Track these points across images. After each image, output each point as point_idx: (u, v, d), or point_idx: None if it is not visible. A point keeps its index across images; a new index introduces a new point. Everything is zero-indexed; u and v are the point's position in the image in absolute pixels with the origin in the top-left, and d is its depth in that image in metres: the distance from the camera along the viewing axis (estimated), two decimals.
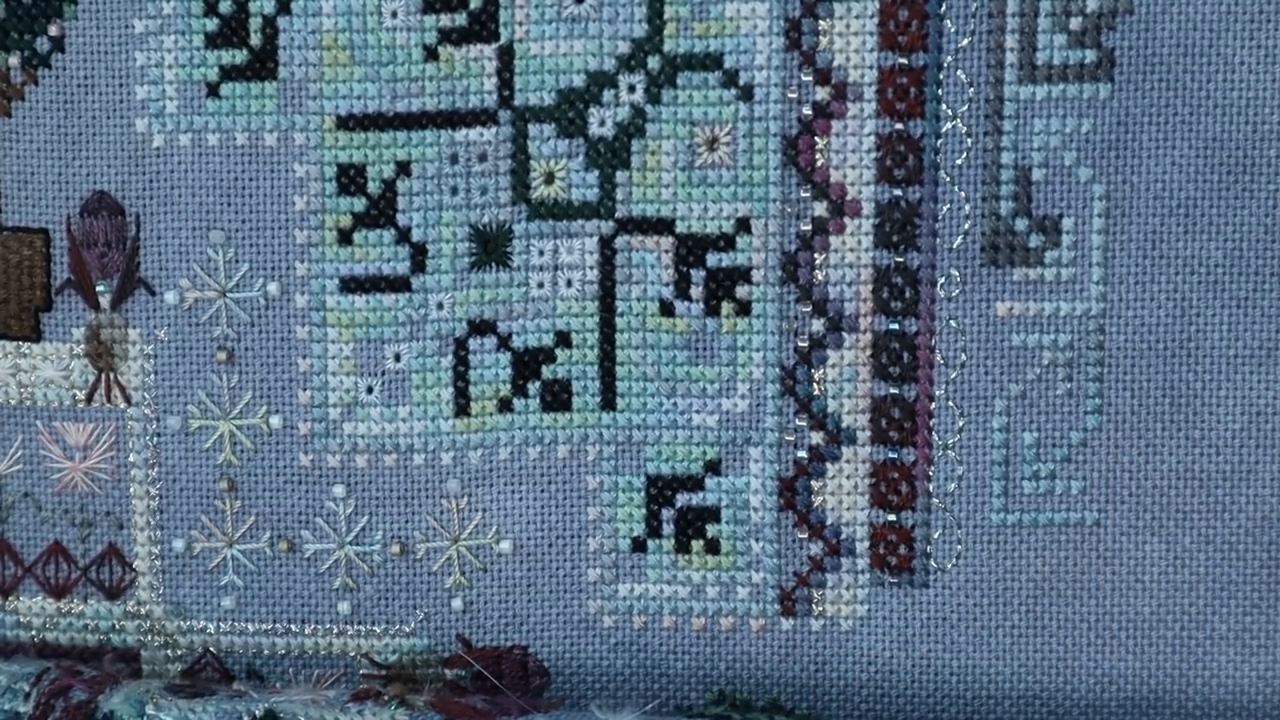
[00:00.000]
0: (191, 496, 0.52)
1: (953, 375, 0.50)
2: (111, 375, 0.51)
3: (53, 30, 0.49)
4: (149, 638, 0.52)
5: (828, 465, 0.51)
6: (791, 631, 0.51)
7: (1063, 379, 0.50)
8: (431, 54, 0.49)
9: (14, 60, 0.49)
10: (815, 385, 0.50)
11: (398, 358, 0.51)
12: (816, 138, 0.49)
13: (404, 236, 0.50)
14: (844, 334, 0.50)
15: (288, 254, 0.50)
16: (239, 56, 0.49)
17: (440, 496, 0.51)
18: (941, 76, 0.49)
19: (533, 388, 0.51)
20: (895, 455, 0.51)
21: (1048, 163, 0.49)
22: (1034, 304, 0.50)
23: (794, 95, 0.49)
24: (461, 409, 0.51)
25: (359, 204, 0.50)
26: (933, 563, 0.51)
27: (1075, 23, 0.48)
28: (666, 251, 0.50)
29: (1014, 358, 0.50)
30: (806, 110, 0.49)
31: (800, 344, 0.50)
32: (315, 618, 0.52)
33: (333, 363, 0.51)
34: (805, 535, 0.51)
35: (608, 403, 0.51)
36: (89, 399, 0.51)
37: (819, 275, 0.50)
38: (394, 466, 0.51)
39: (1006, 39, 0.48)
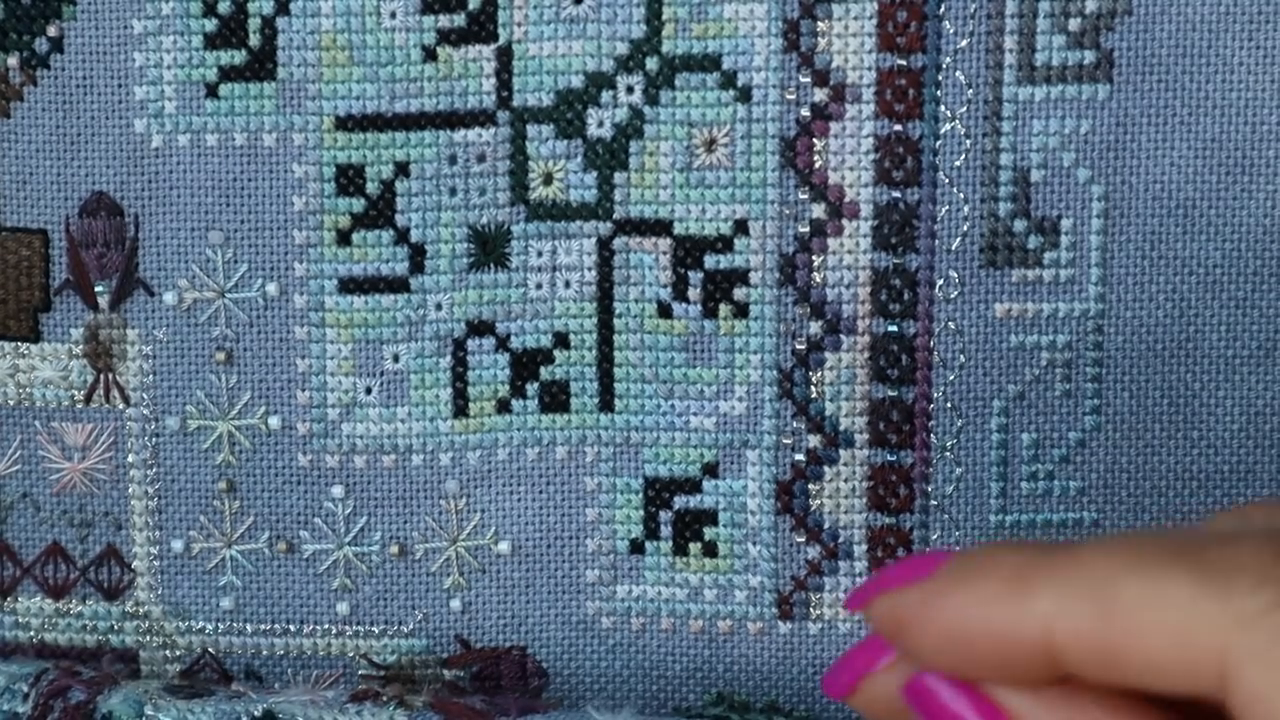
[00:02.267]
0: (190, 497, 0.52)
1: (951, 377, 0.50)
2: (110, 375, 0.51)
3: (51, 31, 0.49)
4: (148, 638, 0.52)
5: (825, 468, 0.51)
6: (789, 634, 0.51)
7: (1061, 379, 0.50)
8: (430, 54, 0.49)
9: (13, 61, 0.49)
10: (813, 388, 0.50)
11: (396, 358, 0.51)
12: (815, 139, 0.49)
13: (403, 237, 0.50)
14: (842, 336, 0.50)
15: (286, 254, 0.50)
16: (238, 57, 0.49)
17: (439, 497, 0.51)
18: (940, 78, 0.49)
19: (531, 389, 0.51)
20: (893, 458, 0.50)
21: (1046, 164, 0.49)
22: (1032, 305, 0.49)
23: (792, 97, 0.49)
24: (460, 410, 0.51)
25: (358, 204, 0.50)
26: None
27: (1074, 24, 0.48)
28: (664, 253, 0.50)
29: (1012, 359, 0.50)
30: (805, 112, 0.49)
31: (798, 346, 0.50)
32: (314, 618, 0.52)
33: (331, 363, 0.51)
34: (803, 539, 0.51)
35: (606, 404, 0.51)
36: (88, 399, 0.51)
37: (817, 277, 0.50)
38: (392, 467, 0.51)
39: (1005, 40, 0.48)
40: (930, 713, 0.32)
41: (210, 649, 0.52)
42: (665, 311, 0.50)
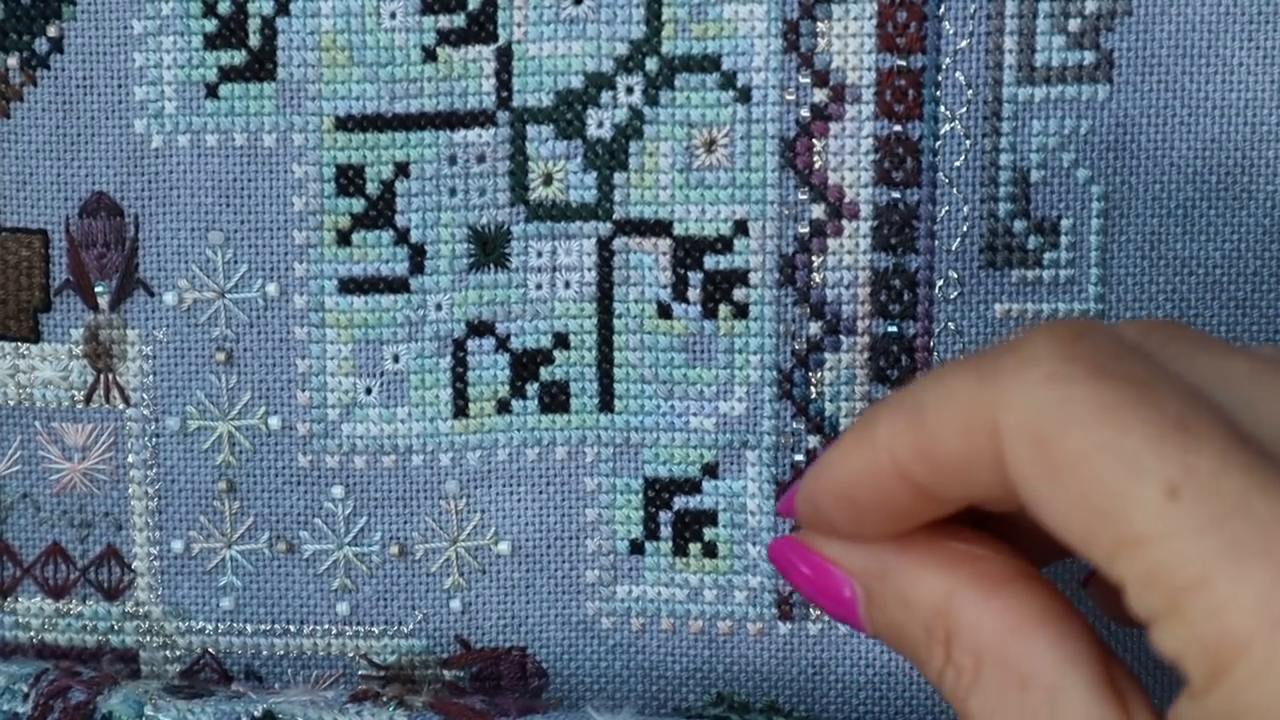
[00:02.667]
0: (190, 497, 0.52)
1: None
2: (110, 376, 0.51)
3: (51, 31, 0.49)
4: (148, 638, 0.52)
5: None
6: (789, 635, 0.51)
7: None
8: (430, 55, 0.49)
9: (13, 61, 0.49)
10: (813, 388, 0.50)
11: (396, 359, 0.51)
12: (814, 140, 0.49)
13: (402, 237, 0.50)
14: (842, 336, 0.50)
15: (286, 255, 0.50)
16: (238, 57, 0.49)
17: (439, 497, 0.51)
18: (940, 78, 0.49)
19: (531, 389, 0.51)
20: None
21: (1046, 164, 0.49)
22: (1032, 305, 0.49)
23: (792, 97, 0.49)
24: (460, 410, 0.51)
25: (358, 205, 0.50)
26: None
27: (1074, 24, 0.48)
28: (664, 254, 0.50)
29: None
30: (804, 112, 0.49)
31: (798, 347, 0.50)
32: (314, 618, 0.52)
33: (331, 363, 0.51)
34: None
35: (606, 404, 0.51)
36: (88, 400, 0.51)
37: (817, 278, 0.50)
38: (392, 467, 0.51)
39: (1005, 40, 0.48)
40: (786, 567, 0.37)
41: (210, 649, 0.52)
42: (665, 312, 0.50)
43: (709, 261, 0.50)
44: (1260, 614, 0.27)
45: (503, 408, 0.51)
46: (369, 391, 0.51)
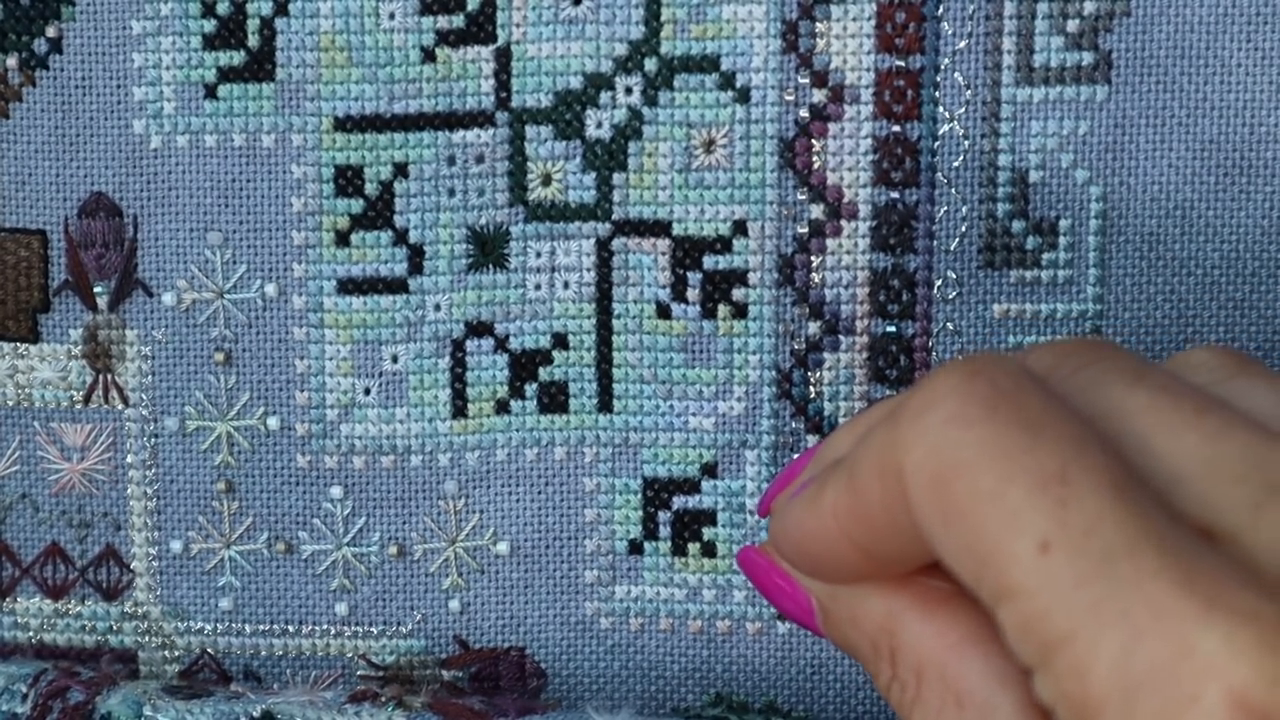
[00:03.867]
0: (189, 497, 0.52)
1: None
2: (109, 376, 0.51)
3: (50, 32, 0.49)
4: (146, 639, 0.52)
5: None
6: (788, 634, 0.51)
7: None
8: (429, 55, 0.49)
9: (12, 62, 0.49)
10: (812, 388, 0.50)
11: (395, 359, 0.51)
12: (813, 140, 0.49)
13: (401, 238, 0.50)
14: (841, 336, 0.50)
15: (285, 255, 0.50)
16: (236, 58, 0.49)
17: (437, 498, 0.51)
18: (939, 79, 0.49)
19: (530, 389, 0.51)
20: None
21: (1045, 165, 0.49)
22: (1030, 305, 0.50)
23: (791, 98, 0.49)
24: (459, 410, 0.51)
25: (356, 205, 0.50)
26: None
27: (1072, 25, 0.48)
28: (663, 254, 0.50)
29: None
30: (803, 113, 0.49)
31: (797, 346, 0.50)
32: (313, 619, 0.52)
33: (330, 364, 0.51)
34: None
35: (605, 405, 0.51)
36: (86, 400, 0.51)
37: (816, 278, 0.50)
38: (391, 468, 0.51)
39: (1004, 41, 0.48)
40: (753, 577, 0.37)
41: (209, 649, 0.52)
42: (664, 312, 0.50)
43: (708, 261, 0.50)
44: (1114, 677, 0.27)
45: (501, 408, 0.51)
46: (368, 392, 0.51)
